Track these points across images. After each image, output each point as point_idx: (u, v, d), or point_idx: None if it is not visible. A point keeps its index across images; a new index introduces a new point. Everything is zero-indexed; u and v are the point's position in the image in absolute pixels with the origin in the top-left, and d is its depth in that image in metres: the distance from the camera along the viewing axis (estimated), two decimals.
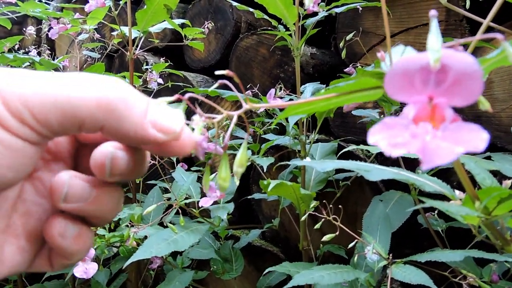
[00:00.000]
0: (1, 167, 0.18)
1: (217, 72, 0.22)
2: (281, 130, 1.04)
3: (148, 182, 1.00)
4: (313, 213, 0.53)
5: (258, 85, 1.12)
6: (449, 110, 0.18)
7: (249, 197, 0.95)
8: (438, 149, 0.17)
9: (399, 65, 0.18)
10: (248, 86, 1.08)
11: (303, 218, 0.53)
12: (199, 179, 1.01)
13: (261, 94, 1.01)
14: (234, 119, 0.21)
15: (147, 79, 1.18)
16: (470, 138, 0.17)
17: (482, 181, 0.33)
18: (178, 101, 0.23)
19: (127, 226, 0.69)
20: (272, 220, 0.85)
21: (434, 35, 0.18)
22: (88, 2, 0.84)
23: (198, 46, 1.03)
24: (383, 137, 0.18)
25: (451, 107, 0.19)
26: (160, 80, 1.16)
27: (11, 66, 0.96)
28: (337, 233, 0.46)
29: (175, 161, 1.00)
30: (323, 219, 0.48)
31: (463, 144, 0.17)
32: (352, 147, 0.49)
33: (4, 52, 1.08)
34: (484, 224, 0.30)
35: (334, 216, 0.47)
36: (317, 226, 0.50)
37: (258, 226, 0.95)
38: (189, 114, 0.23)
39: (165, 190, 0.95)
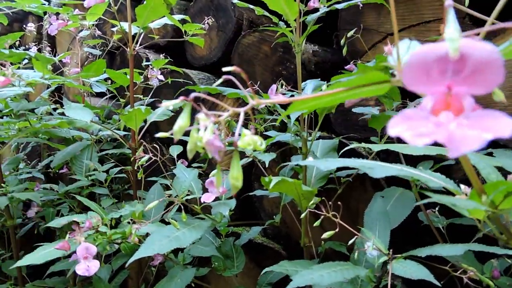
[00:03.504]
0: None
1: (225, 69, 0.22)
2: (282, 126, 1.03)
3: (149, 178, 1.00)
4: (314, 210, 0.53)
5: (259, 82, 1.12)
6: (469, 99, 0.18)
7: (250, 194, 0.95)
8: (464, 136, 0.17)
9: (417, 56, 0.18)
10: (249, 83, 1.08)
11: (303, 215, 0.52)
12: (200, 176, 1.01)
13: (262, 91, 1.01)
14: (241, 116, 0.21)
15: (148, 75, 1.17)
16: (495, 124, 0.17)
17: (488, 176, 0.33)
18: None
19: (129, 223, 0.69)
20: (274, 217, 0.85)
21: (451, 24, 0.17)
22: None
23: (198, 42, 1.03)
24: (405, 128, 0.18)
25: (471, 96, 0.18)
26: (161, 77, 1.16)
27: (11, 63, 0.96)
28: (337, 230, 0.46)
29: (175, 158, 0.99)
30: (322, 216, 0.48)
31: (489, 130, 0.17)
32: (354, 145, 0.49)
33: (5, 48, 1.08)
34: (490, 218, 0.29)
35: (333, 212, 0.47)
36: (317, 223, 0.50)
37: (260, 223, 0.95)
38: (192, 111, 0.23)
39: (166, 187, 0.95)
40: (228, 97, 1.14)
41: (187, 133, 0.87)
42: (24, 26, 1.53)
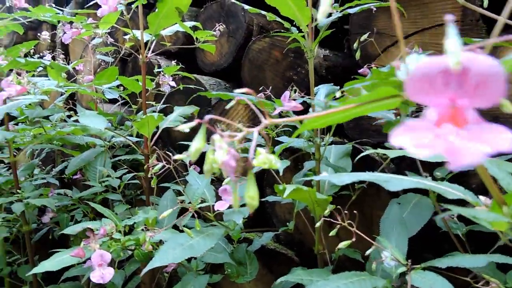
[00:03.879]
0: None
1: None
2: (294, 131, 1.03)
3: (162, 185, 1.00)
4: (329, 219, 0.52)
5: (270, 87, 1.11)
6: (472, 112, 0.18)
7: (262, 199, 0.94)
8: (464, 149, 0.17)
9: (420, 68, 0.18)
10: (260, 89, 1.08)
11: (318, 224, 0.52)
12: (213, 181, 1.01)
13: (274, 96, 1.01)
14: (255, 136, 0.21)
15: (160, 82, 1.18)
16: (495, 138, 0.17)
17: (507, 186, 0.32)
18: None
19: (143, 230, 0.70)
20: (287, 224, 0.84)
21: (452, 38, 0.18)
22: (100, 7, 0.84)
23: (210, 48, 1.03)
24: (407, 138, 0.18)
25: (474, 109, 0.18)
26: (172, 83, 1.17)
27: (26, 71, 0.98)
28: (354, 239, 0.45)
29: (188, 164, 1.00)
30: (338, 226, 0.47)
31: (489, 143, 0.17)
32: (369, 151, 0.48)
33: (20, 56, 1.10)
34: None
35: (349, 221, 0.46)
36: (333, 233, 0.49)
37: (273, 230, 0.94)
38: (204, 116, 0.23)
39: (178, 192, 0.96)
40: (239, 103, 1.14)
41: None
42: (39, 34, 1.55)
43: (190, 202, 0.64)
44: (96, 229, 0.63)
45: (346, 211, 0.52)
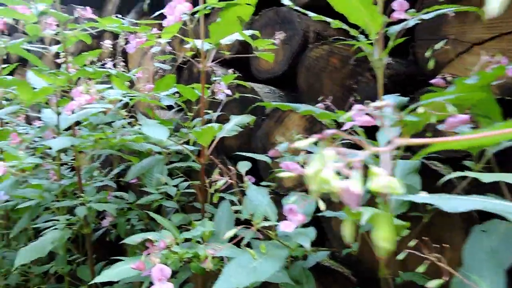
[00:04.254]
0: None
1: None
2: (353, 143, 0.98)
3: (218, 194, 0.99)
4: (414, 252, 0.48)
5: (329, 96, 1.07)
6: None
7: (319, 214, 0.90)
8: None
9: None
10: (320, 99, 1.04)
11: (401, 257, 0.47)
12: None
13: (333, 106, 0.96)
14: (386, 158, 0.17)
15: (215, 90, 1.18)
16: None
17: None
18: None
19: (198, 242, 0.69)
20: (351, 245, 0.79)
21: None
22: (165, 17, 0.85)
23: (268, 57, 1.02)
24: None
25: None
26: (228, 91, 1.16)
27: (90, 79, 1.02)
28: (447, 278, 0.40)
29: (243, 174, 0.98)
30: (428, 261, 0.43)
31: None
32: (455, 174, 0.43)
33: (85, 65, 1.15)
34: None
35: (437, 255, 0.41)
36: (421, 268, 0.44)
37: (332, 249, 0.90)
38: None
39: (231, 202, 0.94)
40: (294, 111, 1.11)
41: (250, 150, 0.84)
42: (101, 42, 1.63)
43: (252, 214, 0.61)
44: (155, 241, 0.62)
45: (416, 235, 0.47)
